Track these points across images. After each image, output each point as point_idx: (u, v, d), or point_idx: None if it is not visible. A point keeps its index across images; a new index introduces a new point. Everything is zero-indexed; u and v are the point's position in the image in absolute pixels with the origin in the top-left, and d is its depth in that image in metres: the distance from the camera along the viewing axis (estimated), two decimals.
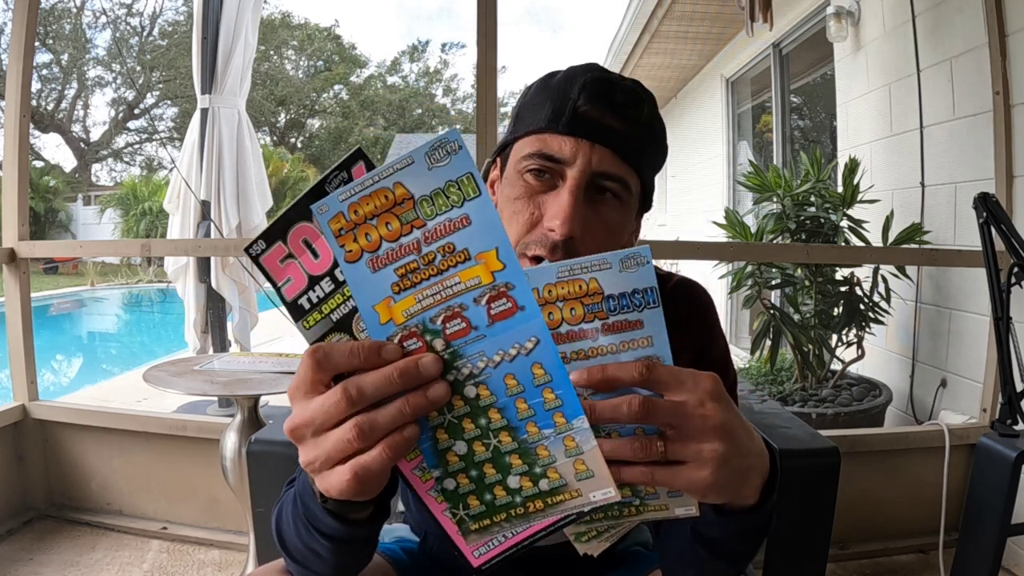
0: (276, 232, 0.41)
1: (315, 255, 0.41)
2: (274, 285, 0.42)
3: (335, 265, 0.41)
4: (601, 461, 0.42)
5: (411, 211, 0.38)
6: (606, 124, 0.62)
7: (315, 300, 0.42)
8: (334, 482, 0.41)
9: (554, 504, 0.43)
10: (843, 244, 2.53)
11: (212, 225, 2.77)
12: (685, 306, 0.77)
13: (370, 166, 0.41)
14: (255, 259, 0.42)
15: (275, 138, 24.91)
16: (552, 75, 0.68)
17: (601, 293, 0.42)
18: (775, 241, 2.58)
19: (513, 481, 0.43)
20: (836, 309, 2.56)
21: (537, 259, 0.62)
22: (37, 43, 2.14)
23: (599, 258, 0.41)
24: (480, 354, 0.40)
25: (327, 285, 0.42)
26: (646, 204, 0.71)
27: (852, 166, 2.51)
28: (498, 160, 0.72)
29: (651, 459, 0.43)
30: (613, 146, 0.62)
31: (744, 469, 0.46)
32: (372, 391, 0.39)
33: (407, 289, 0.40)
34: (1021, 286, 1.46)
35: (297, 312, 0.42)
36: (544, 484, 0.43)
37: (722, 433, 0.43)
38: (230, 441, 1.61)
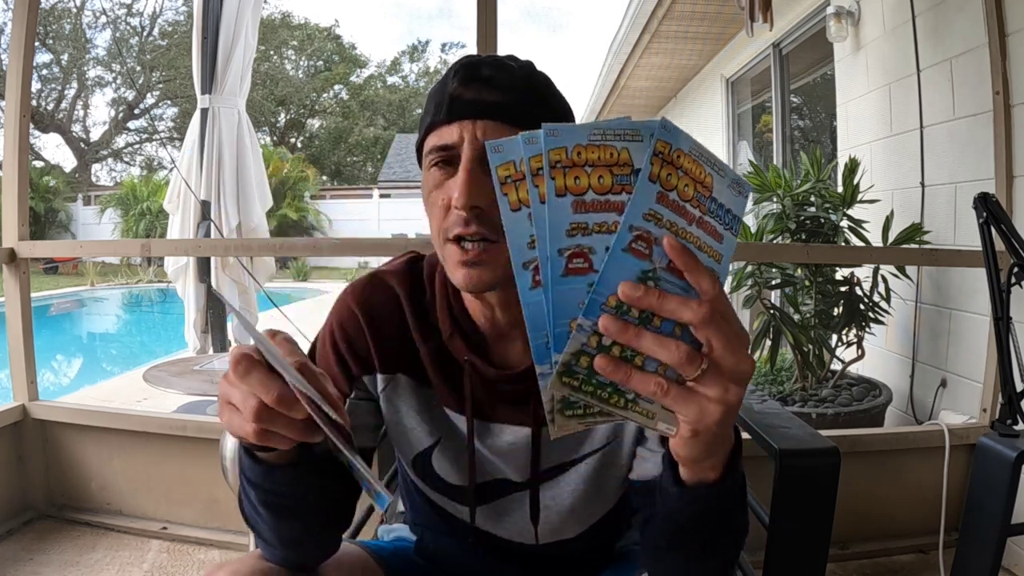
0: None
1: None
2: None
3: None
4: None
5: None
6: (481, 99, 0.66)
7: None
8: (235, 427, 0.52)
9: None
10: (843, 244, 2.52)
11: (212, 225, 2.78)
12: None
13: None
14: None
15: (275, 138, 24.93)
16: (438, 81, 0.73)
17: (710, 191, 0.43)
18: (775, 241, 2.58)
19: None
20: (836, 309, 2.56)
21: (458, 239, 0.65)
22: (37, 43, 2.14)
23: (721, 163, 0.43)
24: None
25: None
26: None
27: (852, 166, 2.51)
28: None
29: (688, 372, 0.43)
30: (493, 116, 0.65)
31: (729, 432, 0.50)
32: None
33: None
34: (1021, 286, 1.46)
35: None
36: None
37: (744, 382, 0.45)
38: (230, 441, 1.61)
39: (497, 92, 0.66)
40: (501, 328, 0.73)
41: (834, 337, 2.62)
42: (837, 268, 2.56)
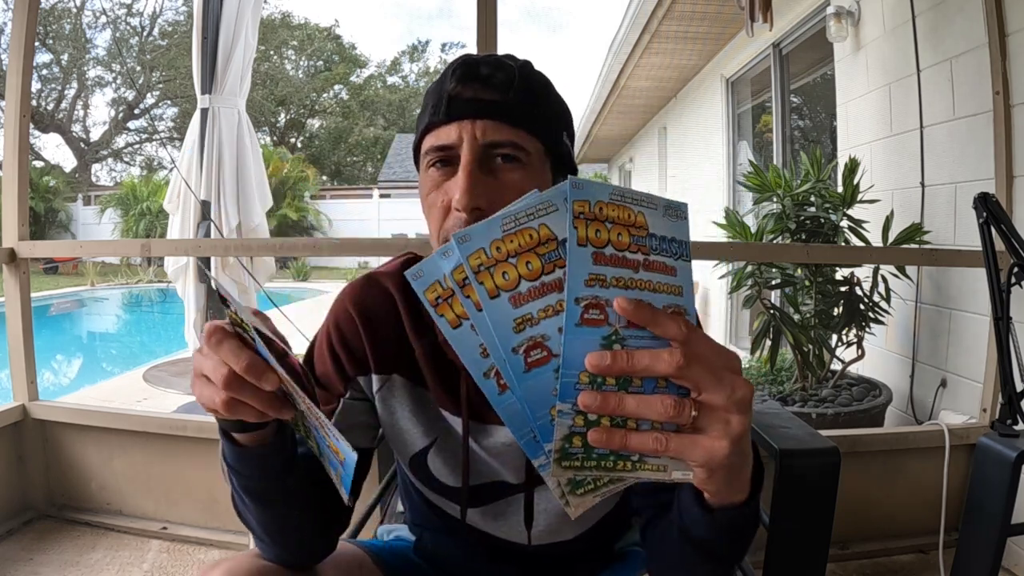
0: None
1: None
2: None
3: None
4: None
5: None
6: (479, 98, 0.65)
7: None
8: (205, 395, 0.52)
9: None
10: (843, 244, 2.52)
11: (212, 225, 2.78)
12: None
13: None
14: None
15: (275, 138, 24.93)
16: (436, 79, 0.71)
17: (646, 229, 0.42)
18: (775, 241, 2.58)
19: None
20: (836, 309, 2.56)
21: None
22: (37, 43, 2.14)
23: (647, 195, 0.42)
24: None
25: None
26: (565, 167, 0.72)
27: (852, 166, 2.51)
28: None
29: (681, 421, 0.42)
30: (492, 116, 0.65)
31: (747, 453, 0.48)
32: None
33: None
34: (1021, 286, 1.46)
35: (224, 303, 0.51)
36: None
37: (744, 408, 0.43)
38: None
39: (495, 91, 0.66)
40: None
41: (834, 337, 2.62)
42: (837, 268, 2.56)
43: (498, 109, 0.65)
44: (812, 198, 2.57)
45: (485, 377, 0.42)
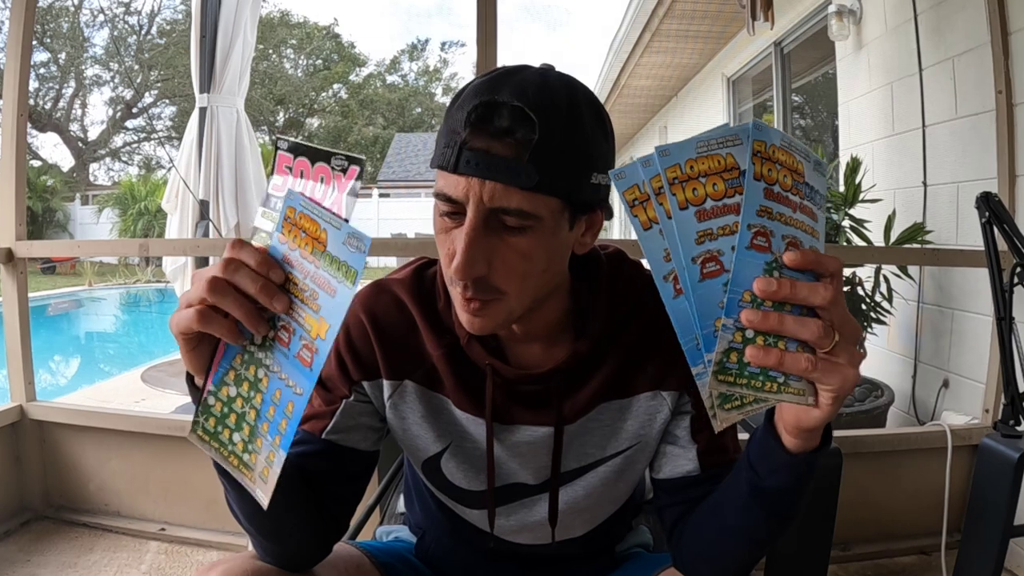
0: (308, 151, 0.53)
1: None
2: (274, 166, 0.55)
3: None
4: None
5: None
6: (493, 155, 0.58)
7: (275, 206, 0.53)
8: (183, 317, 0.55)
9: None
10: (845, 244, 2.52)
11: (211, 225, 2.77)
12: None
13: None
14: (277, 145, 0.55)
15: (274, 137, 24.89)
16: (462, 92, 0.63)
17: (803, 176, 0.49)
18: None
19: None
20: None
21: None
22: (35, 42, 2.13)
23: (805, 148, 0.49)
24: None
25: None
26: (589, 208, 0.65)
27: (854, 165, 2.50)
28: None
29: (824, 346, 0.48)
30: (503, 177, 0.58)
31: None
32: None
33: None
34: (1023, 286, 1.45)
35: (266, 202, 0.55)
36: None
37: (859, 342, 0.51)
38: None
39: (511, 147, 0.58)
40: (517, 334, 0.72)
41: None
42: None
43: (510, 171, 0.58)
44: None
45: (664, 280, 0.47)
